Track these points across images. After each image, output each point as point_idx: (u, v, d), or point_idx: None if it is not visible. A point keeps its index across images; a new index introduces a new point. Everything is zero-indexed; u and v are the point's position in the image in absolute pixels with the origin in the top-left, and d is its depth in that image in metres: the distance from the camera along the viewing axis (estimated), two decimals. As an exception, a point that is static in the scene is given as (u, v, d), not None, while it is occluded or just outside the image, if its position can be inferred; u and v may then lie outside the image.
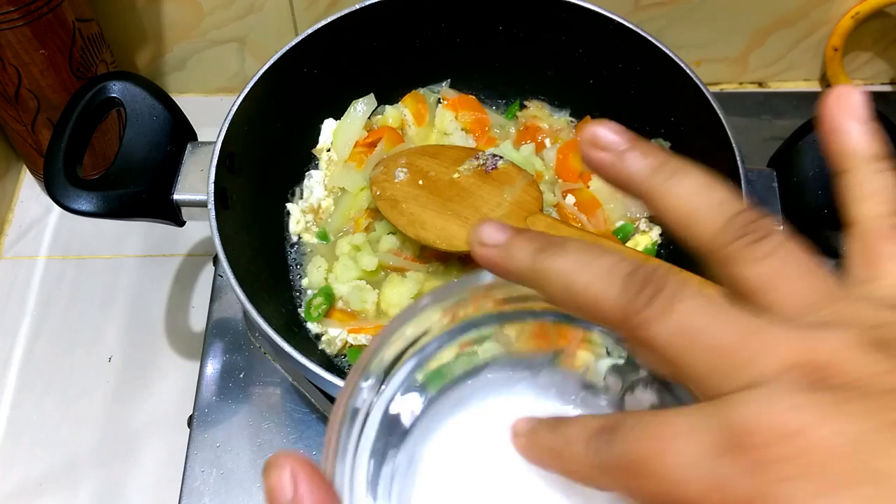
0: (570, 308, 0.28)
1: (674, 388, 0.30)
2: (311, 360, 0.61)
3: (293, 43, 0.76)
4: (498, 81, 0.89)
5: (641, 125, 0.83)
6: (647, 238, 0.81)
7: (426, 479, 0.31)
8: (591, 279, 0.27)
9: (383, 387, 0.31)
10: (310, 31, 0.77)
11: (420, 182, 0.76)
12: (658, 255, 0.81)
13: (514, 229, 0.30)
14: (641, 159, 0.30)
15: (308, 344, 0.75)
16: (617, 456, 0.25)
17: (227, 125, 0.71)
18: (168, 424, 0.86)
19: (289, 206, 0.82)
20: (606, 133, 0.31)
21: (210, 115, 0.78)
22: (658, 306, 0.26)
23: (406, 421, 0.32)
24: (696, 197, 0.29)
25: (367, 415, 0.31)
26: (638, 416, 0.26)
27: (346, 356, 0.76)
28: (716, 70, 1.08)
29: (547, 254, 0.28)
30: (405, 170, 0.77)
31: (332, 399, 0.77)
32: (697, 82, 0.73)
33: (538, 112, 0.89)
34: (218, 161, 0.69)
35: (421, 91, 0.88)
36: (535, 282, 0.29)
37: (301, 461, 0.27)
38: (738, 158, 0.68)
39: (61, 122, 0.69)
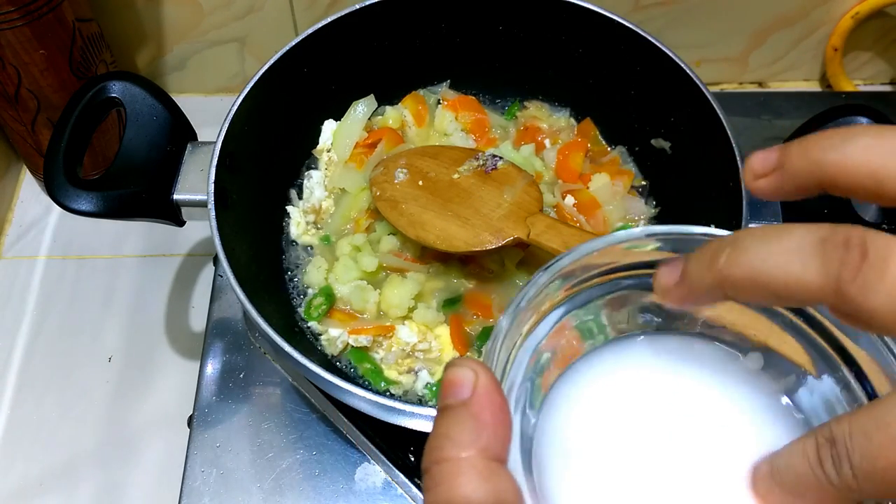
0: (770, 300, 0.26)
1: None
2: (311, 360, 0.61)
3: (293, 43, 0.76)
4: (498, 81, 0.89)
5: (641, 125, 0.83)
6: (647, 239, 0.81)
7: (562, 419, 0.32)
8: (785, 265, 0.25)
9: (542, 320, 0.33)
10: (310, 31, 0.77)
11: (420, 183, 0.76)
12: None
13: (681, 259, 0.29)
14: (801, 153, 0.28)
15: (308, 344, 0.75)
16: (856, 473, 0.24)
17: (227, 125, 0.71)
18: (168, 424, 0.86)
19: (289, 208, 0.82)
20: (759, 160, 0.30)
21: (210, 115, 0.78)
22: (869, 275, 0.23)
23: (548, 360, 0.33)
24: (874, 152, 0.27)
25: (525, 342, 0.32)
26: (850, 421, 0.25)
27: (346, 358, 0.76)
28: (716, 70, 1.08)
29: (723, 258, 0.27)
30: (405, 170, 0.77)
31: (332, 399, 0.77)
32: (697, 82, 0.73)
33: (538, 112, 0.89)
34: (218, 161, 0.69)
35: (421, 92, 0.88)
36: (728, 292, 0.27)
37: (486, 368, 0.26)
38: (737, 158, 0.69)
39: (61, 122, 0.69)
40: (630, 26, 0.76)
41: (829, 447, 0.25)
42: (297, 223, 0.81)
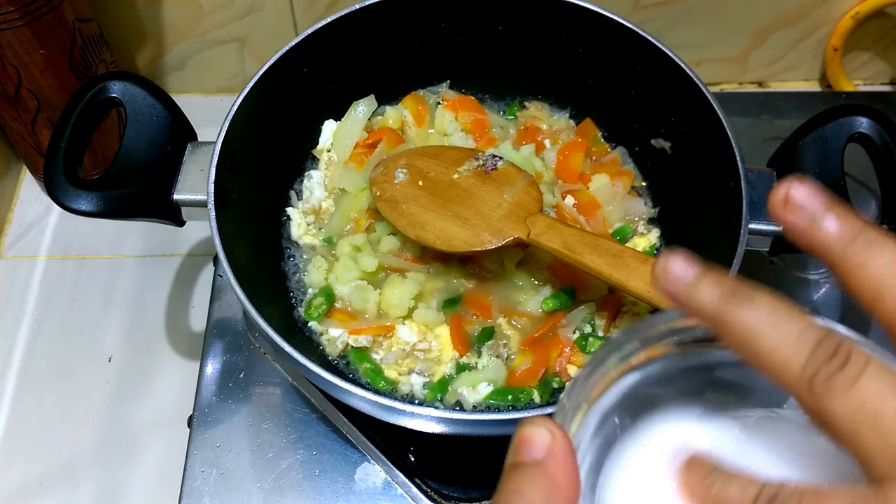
0: (745, 357, 0.29)
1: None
2: (311, 360, 0.61)
3: (293, 43, 0.76)
4: (498, 81, 0.89)
5: (641, 125, 0.83)
6: (646, 240, 0.81)
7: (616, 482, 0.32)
8: (779, 342, 0.27)
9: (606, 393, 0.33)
10: (310, 31, 0.77)
11: (420, 183, 0.76)
12: (657, 255, 0.81)
13: (701, 267, 0.30)
14: (838, 225, 0.29)
15: (308, 344, 0.75)
16: None
17: (227, 125, 0.71)
18: (168, 424, 0.86)
19: (289, 209, 0.82)
20: (803, 195, 0.30)
21: (210, 115, 0.78)
22: (841, 382, 0.26)
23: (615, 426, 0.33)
24: (892, 270, 0.28)
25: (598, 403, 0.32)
26: (797, 490, 0.26)
27: (346, 358, 0.76)
28: (716, 70, 1.08)
29: (735, 303, 0.29)
30: (405, 171, 0.77)
31: (332, 399, 0.77)
32: (697, 82, 0.73)
33: (538, 112, 0.89)
34: (218, 161, 0.69)
35: (421, 92, 0.88)
36: (717, 326, 0.29)
37: (563, 431, 0.27)
38: (738, 158, 0.69)
39: (61, 122, 0.69)
40: (630, 26, 0.76)
41: (769, 501, 0.27)
42: (298, 224, 0.81)
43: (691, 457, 0.31)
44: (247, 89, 0.73)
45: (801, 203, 0.30)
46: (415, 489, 0.74)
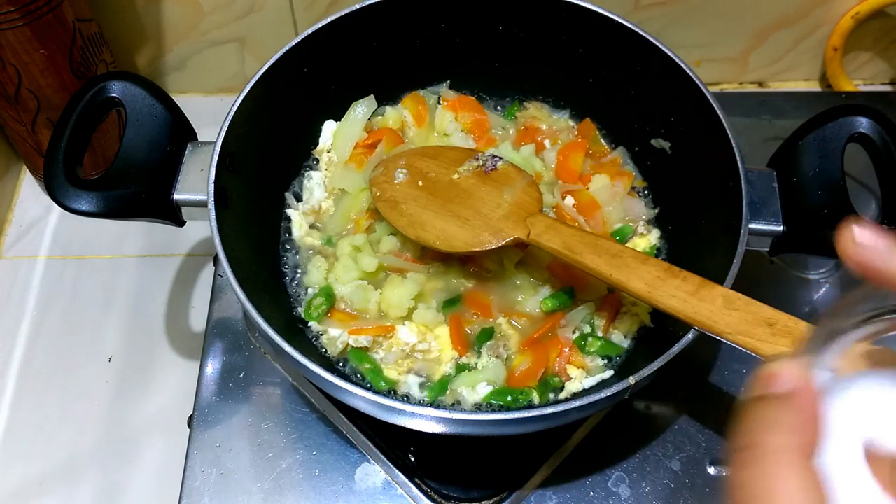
0: None
1: None
2: (311, 360, 0.61)
3: (293, 43, 0.76)
4: (498, 81, 0.89)
5: (641, 125, 0.83)
6: (646, 241, 0.81)
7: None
8: None
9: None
10: (310, 31, 0.77)
11: (420, 183, 0.76)
12: (656, 256, 0.81)
13: (886, 229, 0.30)
14: None
15: (308, 344, 0.75)
16: None
17: (227, 125, 0.71)
18: (168, 424, 0.86)
19: (289, 210, 0.82)
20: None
21: (210, 115, 0.78)
22: None
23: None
24: None
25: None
26: None
27: (346, 358, 0.76)
28: (716, 70, 1.08)
29: None
30: (405, 171, 0.77)
31: (332, 399, 0.77)
32: (697, 82, 0.73)
33: (538, 113, 0.89)
34: (218, 161, 0.69)
35: (421, 92, 0.88)
36: None
37: (810, 369, 0.27)
38: (738, 158, 0.69)
39: (61, 122, 0.69)
40: (630, 26, 0.76)
41: None
42: (298, 224, 0.81)
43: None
44: (247, 89, 0.73)
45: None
46: (415, 489, 0.74)
